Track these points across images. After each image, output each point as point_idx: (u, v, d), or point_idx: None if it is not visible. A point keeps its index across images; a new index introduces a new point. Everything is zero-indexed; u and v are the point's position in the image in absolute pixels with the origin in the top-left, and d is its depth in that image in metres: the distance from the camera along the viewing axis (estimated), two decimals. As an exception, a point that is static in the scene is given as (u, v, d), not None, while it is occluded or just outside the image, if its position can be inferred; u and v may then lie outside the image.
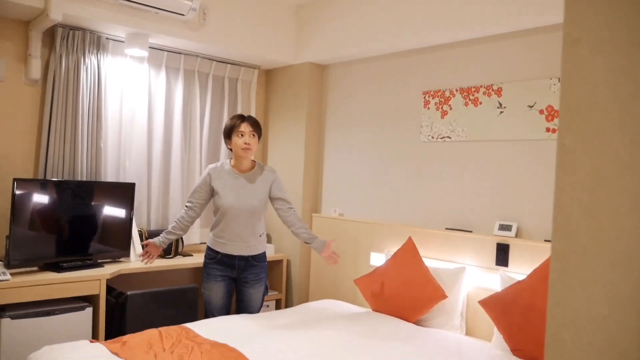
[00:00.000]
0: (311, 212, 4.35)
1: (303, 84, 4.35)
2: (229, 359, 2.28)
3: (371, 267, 3.74)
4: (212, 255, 3.19)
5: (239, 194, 3.08)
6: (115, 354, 2.31)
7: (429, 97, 3.61)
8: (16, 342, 2.88)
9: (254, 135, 3.10)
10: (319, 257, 4.20)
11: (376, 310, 3.30)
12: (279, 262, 4.36)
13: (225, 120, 4.37)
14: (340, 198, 4.20)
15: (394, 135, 3.82)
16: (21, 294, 2.90)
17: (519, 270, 2.90)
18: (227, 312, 3.25)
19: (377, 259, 3.69)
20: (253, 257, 3.18)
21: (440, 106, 3.54)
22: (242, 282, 3.22)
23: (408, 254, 3.23)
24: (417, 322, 3.10)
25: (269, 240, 4.58)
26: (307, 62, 4.30)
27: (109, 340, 2.49)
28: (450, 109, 3.48)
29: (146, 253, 3.15)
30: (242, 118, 3.12)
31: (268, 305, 4.24)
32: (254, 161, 3.22)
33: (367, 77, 4.04)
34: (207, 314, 3.23)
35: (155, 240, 3.17)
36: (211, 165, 3.21)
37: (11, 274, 2.96)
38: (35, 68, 3.40)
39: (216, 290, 3.18)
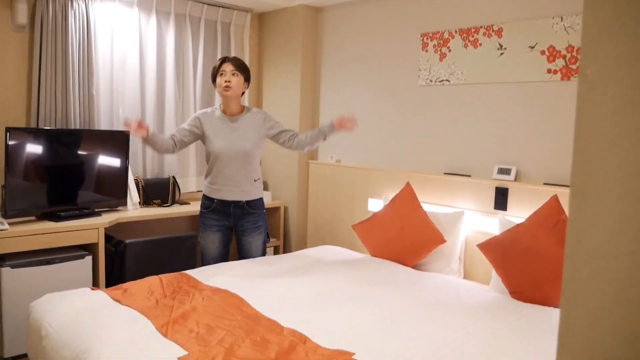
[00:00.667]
0: (308, 159, 4.32)
1: (297, 27, 4.23)
2: (231, 304, 2.30)
3: (369, 213, 3.74)
4: (208, 205, 3.15)
5: (229, 138, 3.03)
6: (117, 300, 2.32)
7: (427, 39, 3.52)
8: (17, 291, 2.89)
9: (235, 74, 3.02)
10: (316, 203, 4.20)
11: (374, 255, 3.32)
12: (276, 209, 4.36)
13: (219, 56, 4.28)
14: (337, 144, 4.16)
15: (392, 79, 3.75)
16: (20, 243, 2.90)
17: (518, 213, 2.91)
18: (224, 261, 3.23)
19: (375, 205, 3.69)
20: (249, 203, 3.13)
21: (438, 48, 3.46)
22: (239, 231, 3.19)
23: (406, 199, 3.23)
24: (415, 267, 3.13)
25: (266, 188, 4.57)
26: (300, 4, 4.16)
27: (109, 288, 2.51)
28: (449, 51, 3.39)
29: (132, 124, 2.83)
30: (224, 59, 3.07)
31: (267, 252, 4.26)
32: (243, 106, 3.16)
33: (363, 19, 3.93)
34: (204, 264, 3.20)
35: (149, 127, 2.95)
36: (201, 111, 3.17)
37: (9, 224, 2.95)
38: (22, 13, 3.27)
39: (212, 240, 3.16)
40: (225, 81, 3.00)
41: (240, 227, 3.17)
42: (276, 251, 4.37)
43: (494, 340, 2.05)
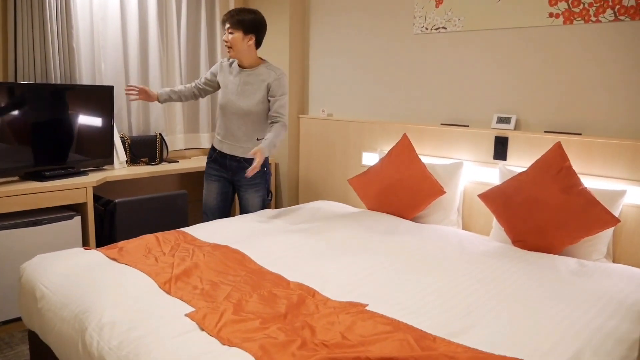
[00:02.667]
0: (298, 114, 4.21)
1: (284, -24, 4.05)
2: (233, 260, 2.23)
3: (363, 167, 3.68)
4: (210, 154, 3.21)
5: (234, 93, 3.03)
6: (114, 259, 2.23)
7: (422, -15, 3.39)
8: (5, 253, 2.79)
9: (231, 32, 2.94)
10: (308, 159, 4.12)
11: (371, 209, 3.27)
12: (267, 166, 4.26)
13: (203, 17, 4.10)
14: (328, 97, 4.06)
15: (385, 28, 3.62)
16: (6, 203, 2.78)
17: (519, 163, 2.87)
18: (222, 215, 3.24)
19: (370, 159, 3.62)
20: (246, 159, 3.08)
21: (434, -5, 3.33)
22: (237, 185, 3.18)
23: (403, 151, 3.16)
24: (414, 219, 3.10)
25: (255, 145, 4.45)
26: (288, -50, 3.97)
27: (104, 247, 2.41)
28: (446, -3, 3.28)
29: (134, 89, 3.12)
30: (226, 14, 2.99)
31: (258, 209, 4.20)
32: (261, 59, 3.10)
33: (355, -35, 3.76)
34: (203, 215, 3.25)
35: (154, 91, 3.19)
36: (223, 60, 3.19)
37: (-7, 184, 2.82)
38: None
39: (211, 191, 3.20)
40: (224, 41, 2.98)
41: (237, 181, 3.16)
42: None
43: (502, 286, 2.03)
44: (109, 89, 3.41)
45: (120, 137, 3.63)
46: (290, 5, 4.04)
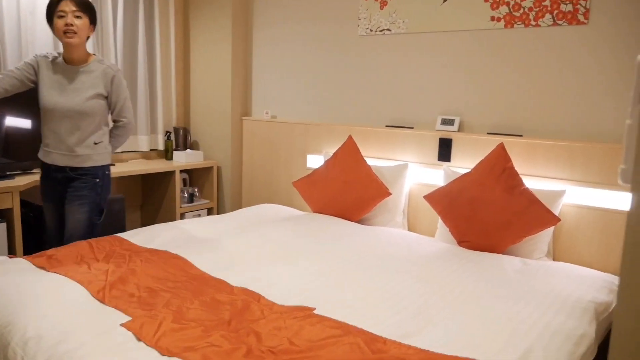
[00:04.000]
0: (241, 116, 4.11)
1: (226, -25, 3.95)
2: (173, 266, 2.11)
3: (308, 170, 3.63)
4: (42, 169, 2.68)
5: (62, 92, 2.52)
6: (42, 267, 2.07)
7: (366, -13, 3.38)
8: None
9: (79, 16, 2.47)
10: (251, 162, 4.03)
11: (317, 211, 3.22)
12: (209, 169, 4.14)
13: (141, 20, 3.94)
14: (271, 99, 3.98)
15: (329, 29, 3.59)
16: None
17: (462, 164, 2.89)
18: (61, 240, 2.68)
19: (315, 161, 3.57)
20: (73, 169, 2.59)
21: (378, -3, 3.33)
22: (63, 200, 2.64)
23: (349, 153, 3.13)
24: (360, 222, 3.06)
25: (197, 147, 4.32)
26: (230, -51, 3.88)
27: (30, 255, 2.24)
28: (390, -1, 3.28)
29: None
30: None
31: (200, 215, 4.07)
32: (90, 53, 2.62)
33: (299, -34, 3.72)
34: (47, 238, 2.72)
35: None
36: (43, 53, 2.61)
37: None
38: None
39: (48, 213, 2.69)
40: (67, 24, 2.44)
41: (64, 195, 2.63)
42: (210, 213, 4.17)
43: (451, 286, 2.02)
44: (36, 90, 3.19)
45: (51, 139, 3.41)
46: (232, 11, 3.94)
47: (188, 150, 4.16)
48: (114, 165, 2.84)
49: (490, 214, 2.50)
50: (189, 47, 4.30)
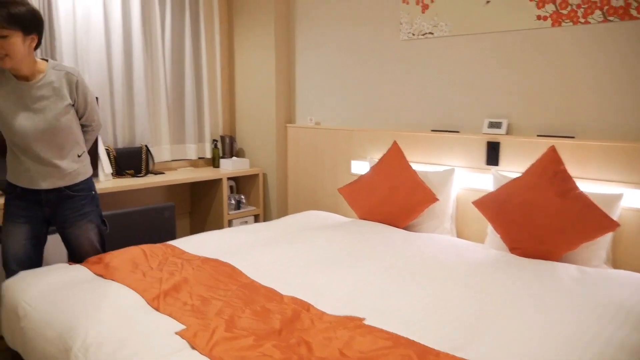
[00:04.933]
0: (285, 123, 4.15)
1: (270, -16, 4.01)
2: (224, 274, 2.15)
3: (353, 176, 3.62)
4: (10, 189, 2.38)
5: (26, 114, 2.21)
6: (100, 275, 2.15)
7: (408, -9, 3.36)
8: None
9: (4, 35, 2.05)
10: (296, 168, 4.06)
11: (363, 218, 3.21)
12: (255, 176, 4.20)
13: (188, 30, 4.03)
14: (315, 106, 4.00)
15: (371, 35, 3.58)
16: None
17: (512, 168, 2.83)
18: (34, 266, 2.40)
19: (359, 167, 3.57)
20: (69, 186, 2.39)
21: (420, 0, 3.30)
22: (60, 222, 2.43)
23: (394, 159, 3.11)
24: (407, 228, 3.04)
25: (242, 155, 4.39)
26: (273, -42, 3.94)
27: (88, 262, 2.32)
28: (432, 1, 3.24)
29: None
30: None
31: (247, 221, 4.13)
32: (42, 62, 2.27)
33: (341, -28, 3.73)
34: (6, 271, 2.38)
35: None
36: None
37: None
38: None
39: (16, 235, 2.35)
40: None
41: (61, 217, 2.42)
42: (257, 219, 4.23)
43: (504, 296, 1.97)
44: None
45: (106, 149, 3.53)
46: (275, 12, 3.99)
47: (234, 157, 4.23)
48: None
49: (543, 220, 2.43)
50: (233, 56, 4.38)
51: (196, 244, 2.61)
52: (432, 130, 3.27)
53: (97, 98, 3.31)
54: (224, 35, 4.34)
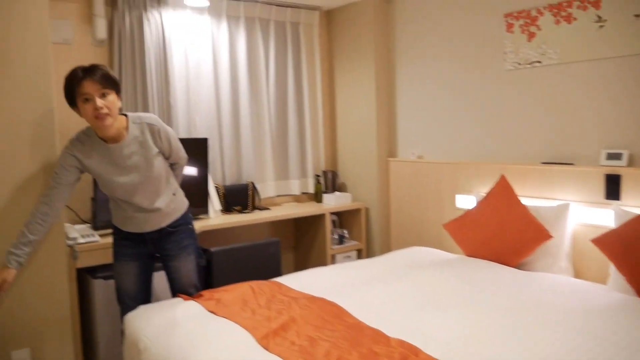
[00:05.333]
0: (387, 157, 4.14)
1: (367, 21, 4.08)
2: (330, 313, 2.16)
3: (458, 211, 3.52)
4: (118, 230, 2.53)
5: (124, 170, 2.31)
6: (212, 312, 2.24)
7: (512, 19, 3.27)
8: (110, 303, 2.87)
9: (105, 94, 2.16)
10: (399, 203, 4.02)
11: (470, 255, 3.10)
12: (357, 211, 4.21)
13: (290, 68, 4.18)
14: (417, 139, 3.97)
15: (474, 65, 3.51)
16: (110, 254, 2.88)
17: (635, 202, 2.61)
18: (145, 301, 2.55)
19: (465, 202, 3.46)
20: (168, 224, 2.51)
21: (526, 28, 3.20)
22: (163, 256, 2.57)
23: (502, 194, 2.99)
24: (519, 266, 2.88)
25: (344, 189, 4.43)
26: (370, -4, 4.02)
27: (202, 298, 2.43)
28: (539, 29, 3.13)
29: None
30: (80, 74, 2.15)
31: (350, 256, 4.13)
32: (124, 116, 2.32)
33: (439, 5, 3.71)
34: (121, 306, 2.56)
35: (10, 270, 2.27)
36: (73, 144, 2.30)
37: (99, 236, 2.95)
38: (101, 28, 3.30)
39: (127, 273, 2.52)
40: (95, 109, 2.14)
41: (163, 250, 2.54)
42: (359, 254, 4.22)
43: (631, 347, 1.80)
44: (204, 141, 3.53)
45: (215, 187, 3.72)
46: (375, 48, 4.04)
47: (337, 192, 4.28)
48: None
49: (674, 260, 2.21)
50: (334, 92, 4.47)
51: (302, 282, 2.65)
52: (543, 163, 3.11)
53: (206, 139, 3.53)
54: (324, 73, 4.46)
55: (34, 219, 2.28)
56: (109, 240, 2.64)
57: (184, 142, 3.47)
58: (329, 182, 4.35)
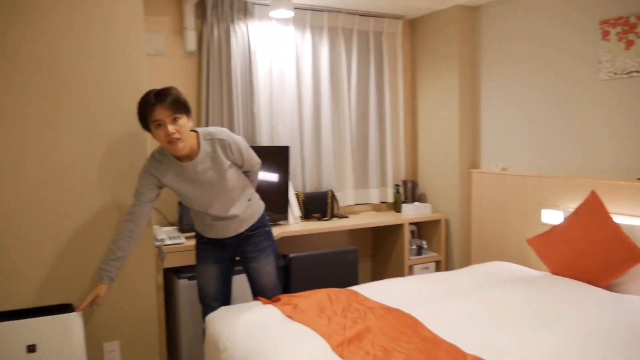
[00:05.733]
0: (469, 168, 4.05)
1: (452, 30, 4.02)
2: (406, 325, 2.15)
3: (543, 226, 3.38)
4: (200, 236, 2.67)
5: (200, 186, 2.40)
6: (289, 317, 2.29)
7: (608, 26, 3.10)
8: (193, 302, 3.01)
9: (176, 118, 2.23)
10: (480, 216, 3.92)
11: (555, 273, 2.96)
12: (437, 222, 4.14)
13: (372, 77, 4.20)
14: (502, 150, 3.85)
15: (564, 75, 3.36)
16: (194, 256, 3.01)
17: None
18: (225, 302, 2.69)
19: (551, 217, 3.32)
20: (247, 229, 2.60)
21: (624, 36, 3.03)
22: (242, 258, 2.67)
23: (592, 210, 2.84)
24: (608, 288, 2.72)
25: (424, 200, 4.38)
26: (455, 4, 3.95)
27: (280, 302, 2.49)
28: (638, 37, 2.96)
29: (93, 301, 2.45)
30: (152, 100, 2.21)
31: (428, 267, 4.07)
32: (195, 133, 2.38)
33: (527, 13, 3.59)
34: (203, 308, 2.70)
35: (102, 285, 2.44)
36: (151, 163, 2.41)
37: (185, 238, 3.10)
38: (191, 40, 3.48)
39: (209, 275, 2.65)
40: (167, 134, 2.21)
41: (242, 253, 2.64)
42: (438, 266, 4.15)
43: None
44: (285, 149, 3.62)
45: (295, 194, 3.80)
46: (459, 59, 3.98)
47: (416, 202, 4.23)
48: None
49: None
50: (416, 102, 4.44)
51: (379, 292, 2.65)
52: (638, 179, 2.93)
53: (288, 147, 3.61)
54: (407, 82, 4.44)
55: (121, 237, 2.41)
56: (194, 242, 2.77)
57: (266, 150, 3.61)
58: (409, 192, 4.32)
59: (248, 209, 2.56)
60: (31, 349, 2.29)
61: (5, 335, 2.25)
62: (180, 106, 2.24)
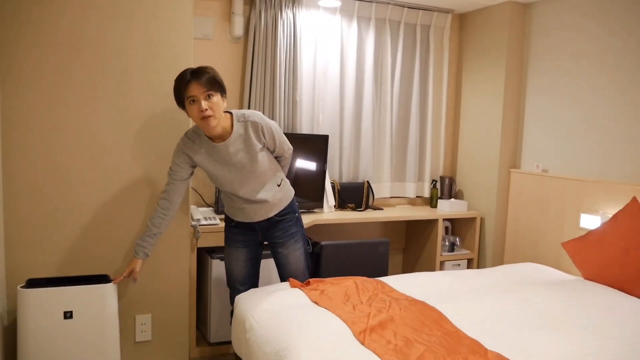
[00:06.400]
0: (509, 168, 4.00)
1: (502, 27, 3.95)
2: (429, 318, 2.17)
3: (580, 231, 3.32)
4: (229, 219, 2.69)
5: (231, 166, 2.43)
6: (315, 302, 2.34)
7: (664, 31, 3.00)
8: (223, 281, 3.09)
9: (210, 95, 2.27)
10: (517, 216, 3.87)
11: (588, 278, 2.91)
12: (472, 220, 4.12)
13: (417, 71, 4.18)
14: (543, 151, 3.78)
15: (616, 75, 3.26)
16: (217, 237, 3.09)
17: None
18: (253, 285, 2.73)
19: (589, 222, 3.25)
20: (276, 214, 2.63)
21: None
22: (271, 243, 2.69)
23: (632, 217, 2.77)
24: (642, 296, 2.67)
25: (461, 197, 4.35)
26: (507, 0, 3.88)
27: (307, 287, 2.54)
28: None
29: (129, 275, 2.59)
30: (187, 77, 2.27)
31: (459, 264, 4.06)
32: (229, 114, 2.42)
33: (581, 11, 3.49)
34: (231, 290, 2.77)
35: (138, 261, 2.56)
36: (184, 142, 2.46)
37: (220, 219, 3.18)
38: (238, 25, 3.54)
39: (237, 259, 2.69)
40: (201, 110, 2.25)
41: (271, 237, 2.66)
42: (470, 264, 4.13)
43: None
44: (325, 138, 3.66)
45: (331, 183, 3.84)
46: (507, 57, 3.91)
47: (452, 199, 4.21)
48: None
49: None
50: (460, 99, 4.40)
51: (406, 284, 2.67)
52: (684, 188, 2.84)
53: (327, 136, 3.65)
54: (451, 77, 4.40)
55: (156, 214, 2.50)
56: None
57: (306, 138, 3.66)
58: (446, 188, 4.29)
59: (277, 193, 2.58)
60: (68, 315, 2.42)
61: (45, 301, 2.39)
62: (214, 84, 2.28)
